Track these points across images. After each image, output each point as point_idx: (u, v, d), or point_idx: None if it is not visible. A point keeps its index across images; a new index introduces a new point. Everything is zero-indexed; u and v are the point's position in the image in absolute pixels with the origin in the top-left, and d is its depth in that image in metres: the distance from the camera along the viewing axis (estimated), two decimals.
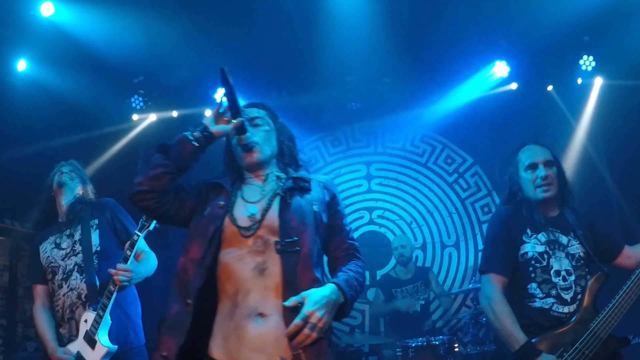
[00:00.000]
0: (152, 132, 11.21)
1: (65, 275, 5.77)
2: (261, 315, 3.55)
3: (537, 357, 4.49)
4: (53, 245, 5.87)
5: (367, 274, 11.25)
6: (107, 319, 5.44)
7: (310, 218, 3.80)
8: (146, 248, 5.82)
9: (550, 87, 10.78)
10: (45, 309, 5.88)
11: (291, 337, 3.45)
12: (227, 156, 4.27)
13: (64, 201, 6.00)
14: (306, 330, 3.44)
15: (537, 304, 4.70)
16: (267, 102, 4.43)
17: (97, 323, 5.44)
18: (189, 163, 3.95)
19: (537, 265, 4.76)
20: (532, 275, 4.76)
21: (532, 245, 4.82)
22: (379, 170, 11.65)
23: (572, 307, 4.69)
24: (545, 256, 4.79)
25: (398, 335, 9.16)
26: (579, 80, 10.53)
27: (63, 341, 5.70)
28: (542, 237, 4.85)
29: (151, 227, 5.42)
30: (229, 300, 3.64)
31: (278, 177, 4.04)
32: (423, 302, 9.57)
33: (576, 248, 4.87)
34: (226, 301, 3.66)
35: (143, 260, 5.75)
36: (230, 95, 3.89)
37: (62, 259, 5.80)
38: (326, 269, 3.95)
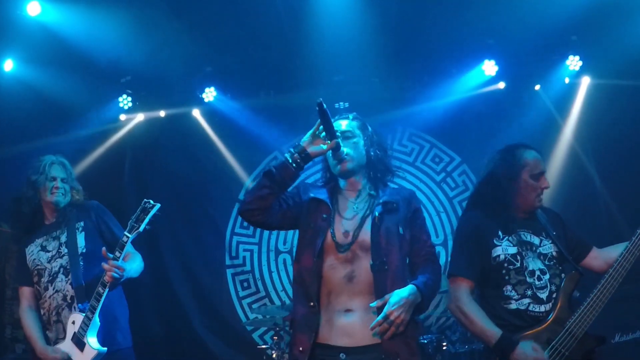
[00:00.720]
0: (139, 132, 11.19)
1: (51, 278, 5.77)
2: (349, 310, 4.37)
3: (516, 347, 4.52)
4: (39, 248, 5.86)
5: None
6: (96, 320, 5.44)
7: (396, 239, 4.46)
8: (132, 250, 5.80)
9: (537, 87, 10.80)
10: (32, 310, 5.87)
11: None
12: (324, 165, 4.93)
13: (54, 207, 5.98)
14: (385, 325, 4.22)
15: (513, 305, 4.72)
16: (357, 114, 5.00)
17: (85, 325, 5.43)
18: (289, 183, 4.55)
19: (511, 267, 4.77)
20: (506, 277, 4.76)
21: (504, 248, 4.81)
22: None
23: (548, 306, 4.71)
24: (519, 257, 4.79)
25: None
26: (567, 80, 10.56)
27: (50, 344, 5.69)
28: (513, 238, 4.85)
29: (141, 229, 5.41)
30: (325, 299, 4.43)
31: (370, 194, 4.69)
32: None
33: (548, 248, 4.88)
34: (322, 300, 4.44)
35: (130, 260, 5.74)
36: (326, 122, 4.43)
37: (48, 262, 5.79)
38: None
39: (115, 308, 5.72)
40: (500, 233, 4.86)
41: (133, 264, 5.69)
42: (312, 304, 4.39)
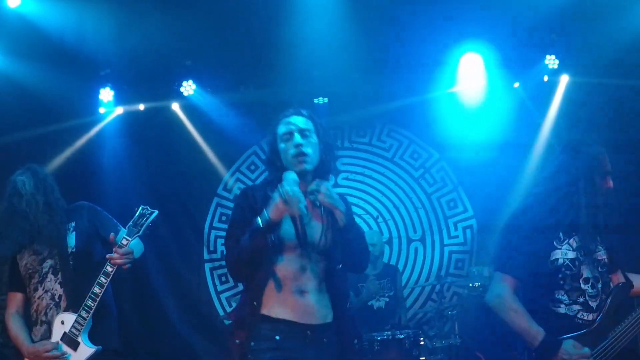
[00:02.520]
0: (118, 125, 11.15)
1: (40, 278, 5.75)
2: (303, 292, 4.44)
3: (559, 348, 4.45)
4: (31, 252, 5.82)
5: None
6: (90, 320, 5.43)
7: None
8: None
9: (516, 84, 10.86)
10: (19, 315, 5.83)
11: None
12: (272, 156, 4.76)
13: None
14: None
15: (562, 310, 4.63)
16: (313, 111, 4.87)
17: (79, 325, 5.43)
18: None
19: (568, 272, 4.64)
20: (561, 282, 4.65)
21: (564, 252, 4.66)
22: (346, 164, 11.62)
23: (596, 315, 4.62)
24: (576, 262, 4.65)
25: (364, 329, 9.18)
26: (545, 78, 10.64)
27: (34, 342, 5.68)
28: (574, 242, 4.71)
29: (140, 233, 5.44)
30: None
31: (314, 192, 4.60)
32: (388, 299, 9.60)
33: (603, 254, 4.77)
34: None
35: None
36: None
37: (39, 264, 5.77)
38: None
39: (103, 308, 5.69)
40: (561, 234, 4.71)
41: (135, 246, 5.65)
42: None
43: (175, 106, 11.21)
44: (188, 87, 10.77)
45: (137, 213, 5.51)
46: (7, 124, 9.52)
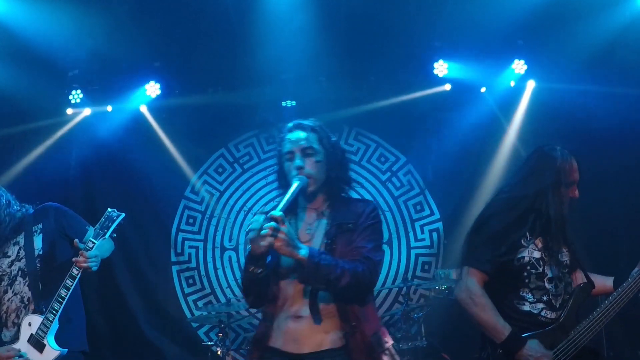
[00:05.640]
0: (86, 126, 11.11)
1: (10, 281, 5.72)
2: (298, 318, 4.36)
3: (524, 345, 4.50)
4: (1, 255, 5.80)
5: None
6: (56, 323, 5.42)
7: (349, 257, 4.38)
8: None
9: (483, 89, 10.95)
10: None
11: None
12: (280, 174, 4.67)
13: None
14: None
15: (526, 307, 4.69)
16: (317, 122, 4.68)
17: (45, 327, 5.41)
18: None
19: (533, 271, 4.71)
20: (526, 280, 4.71)
21: (530, 251, 4.73)
22: None
23: (558, 313, 4.71)
24: (541, 262, 4.73)
25: None
26: (512, 83, 10.74)
27: (4, 344, 5.66)
28: (539, 242, 4.78)
29: (106, 236, 5.43)
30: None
31: (323, 213, 4.57)
32: None
33: (565, 255, 4.85)
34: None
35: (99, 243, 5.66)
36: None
37: (9, 266, 5.75)
38: None
39: (71, 310, 5.67)
40: (527, 234, 4.76)
41: (104, 245, 5.62)
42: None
43: (143, 108, 11.18)
44: (153, 89, 10.75)
45: (105, 216, 5.50)
46: None
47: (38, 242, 5.76)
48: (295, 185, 4.37)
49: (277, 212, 4.15)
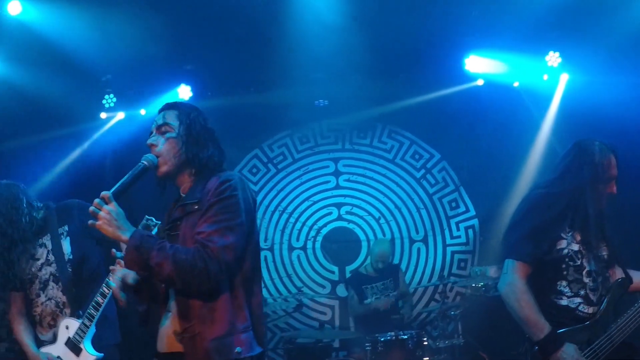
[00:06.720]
0: (120, 130, 11.16)
1: (42, 285, 5.77)
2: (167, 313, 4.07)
3: (562, 347, 4.48)
4: (28, 257, 5.79)
5: (335, 269, 11.31)
6: (92, 328, 5.46)
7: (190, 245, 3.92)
8: None
9: (516, 83, 10.87)
10: (22, 315, 5.83)
11: None
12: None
13: None
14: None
15: (564, 302, 4.68)
16: (178, 101, 4.50)
17: (82, 332, 5.46)
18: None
19: (571, 263, 4.69)
20: (564, 272, 4.69)
21: (569, 243, 4.71)
22: (347, 166, 11.69)
23: (596, 308, 4.68)
24: (580, 255, 4.70)
25: (367, 330, 9.21)
26: (545, 77, 10.62)
27: (40, 346, 5.70)
28: (578, 235, 4.74)
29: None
30: None
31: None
32: (394, 300, 9.63)
33: (603, 250, 4.82)
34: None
35: None
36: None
37: (38, 270, 5.77)
38: None
39: (105, 308, 5.70)
40: (567, 227, 4.74)
41: None
42: None
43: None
44: (185, 92, 10.78)
45: (141, 224, 5.50)
46: (10, 130, 9.56)
47: (67, 246, 5.79)
48: (140, 165, 4.10)
49: (107, 192, 3.92)
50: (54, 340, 5.68)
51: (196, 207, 4.02)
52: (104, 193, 3.88)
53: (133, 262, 3.88)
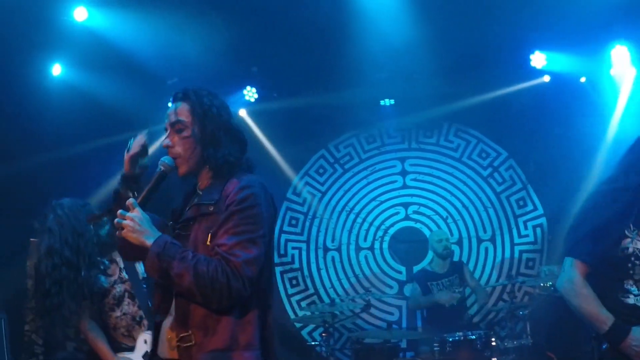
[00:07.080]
0: None
1: (116, 301, 5.84)
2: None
3: (628, 335, 4.40)
4: (98, 271, 5.83)
5: (403, 269, 11.30)
6: None
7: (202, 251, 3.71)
8: None
9: (583, 79, 10.73)
10: (97, 325, 5.82)
11: None
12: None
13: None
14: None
15: (631, 300, 4.55)
16: (189, 89, 4.05)
17: None
18: None
19: (637, 262, 4.55)
20: (630, 271, 4.56)
21: (634, 241, 4.57)
22: (414, 166, 11.67)
23: None
24: None
25: (435, 330, 9.17)
26: (612, 71, 10.47)
27: (121, 348, 5.79)
28: None
29: None
30: None
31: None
32: (459, 296, 9.58)
33: None
34: None
35: None
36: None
37: (111, 285, 5.84)
38: None
39: None
40: (631, 225, 4.60)
41: None
42: None
43: (243, 112, 11.29)
44: (251, 93, 10.87)
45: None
46: (79, 135, 9.70)
47: (140, 266, 5.82)
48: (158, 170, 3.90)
49: (132, 199, 3.76)
50: (128, 348, 5.78)
51: (212, 209, 3.76)
52: (128, 201, 3.74)
53: (153, 269, 3.65)
